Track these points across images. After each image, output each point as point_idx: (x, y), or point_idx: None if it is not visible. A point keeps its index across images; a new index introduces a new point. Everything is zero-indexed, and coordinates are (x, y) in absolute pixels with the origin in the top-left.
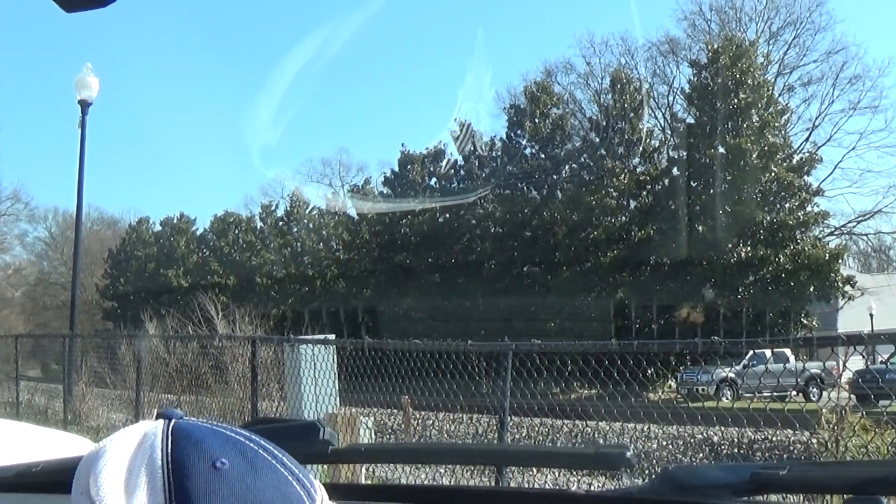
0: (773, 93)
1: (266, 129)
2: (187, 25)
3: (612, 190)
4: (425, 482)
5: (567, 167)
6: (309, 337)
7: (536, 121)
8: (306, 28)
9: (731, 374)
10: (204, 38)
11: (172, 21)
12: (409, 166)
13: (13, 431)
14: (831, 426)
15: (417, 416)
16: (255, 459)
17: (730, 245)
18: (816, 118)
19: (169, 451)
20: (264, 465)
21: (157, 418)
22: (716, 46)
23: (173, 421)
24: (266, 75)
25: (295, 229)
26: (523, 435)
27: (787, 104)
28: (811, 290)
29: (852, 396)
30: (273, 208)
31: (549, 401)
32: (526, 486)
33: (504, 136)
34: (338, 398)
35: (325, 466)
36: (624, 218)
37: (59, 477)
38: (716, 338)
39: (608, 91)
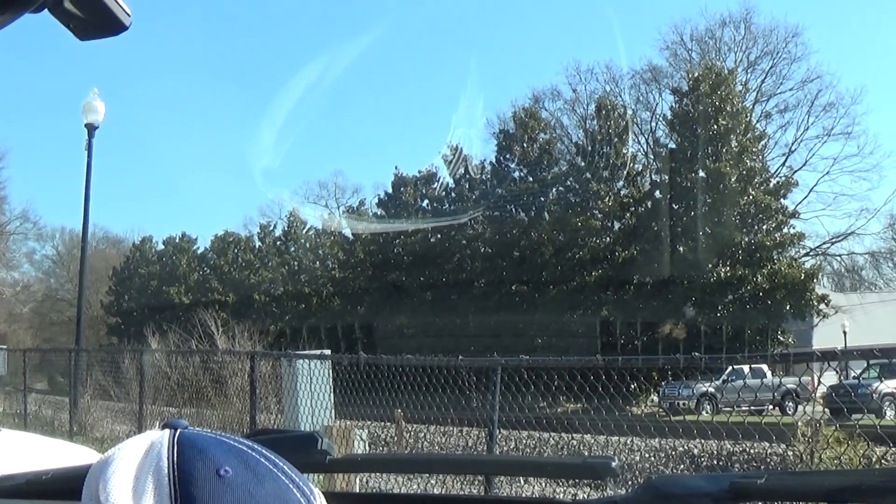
0: (751, 119)
1: (267, 152)
2: (192, 52)
3: (597, 212)
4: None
5: (554, 190)
6: (305, 352)
7: (525, 145)
8: (307, 54)
9: (711, 389)
10: (208, 65)
11: (178, 48)
12: (402, 188)
13: (23, 442)
14: (806, 439)
15: (409, 429)
16: (257, 468)
17: (710, 265)
18: (792, 144)
19: (175, 459)
20: (266, 473)
21: (163, 428)
22: (696, 75)
23: (179, 431)
24: (266, 101)
25: (292, 249)
26: (512, 447)
27: (764, 130)
28: (787, 308)
29: (826, 410)
30: (271, 228)
31: (537, 414)
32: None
33: (493, 160)
34: (333, 411)
35: (321, 476)
36: (608, 239)
37: (68, 484)
38: (696, 354)
39: (593, 117)
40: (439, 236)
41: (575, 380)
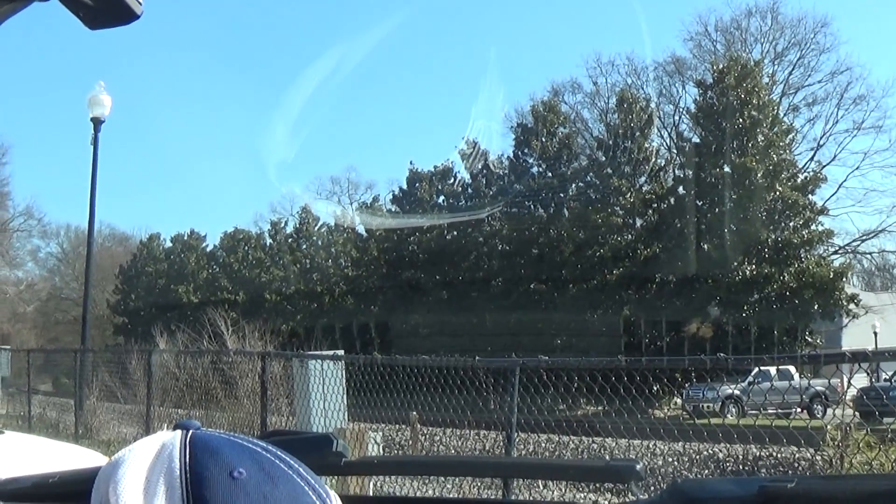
0: (778, 112)
1: (279, 146)
2: (202, 44)
3: (618, 208)
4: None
5: (574, 186)
6: (318, 353)
7: (544, 140)
8: (321, 48)
9: (737, 391)
10: (218, 57)
11: (188, 39)
12: (417, 184)
13: (27, 444)
14: (836, 443)
15: (425, 431)
16: (271, 469)
17: (735, 263)
18: (821, 138)
19: (187, 460)
20: (281, 475)
21: (174, 429)
22: (721, 67)
23: (191, 431)
24: (279, 94)
25: (304, 246)
26: (530, 451)
27: (791, 124)
28: (816, 308)
29: (856, 413)
30: (283, 225)
31: (556, 416)
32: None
33: (511, 155)
34: (346, 413)
35: (334, 479)
36: (630, 236)
37: (76, 487)
38: (722, 354)
39: (615, 110)
40: (455, 233)
41: (596, 381)
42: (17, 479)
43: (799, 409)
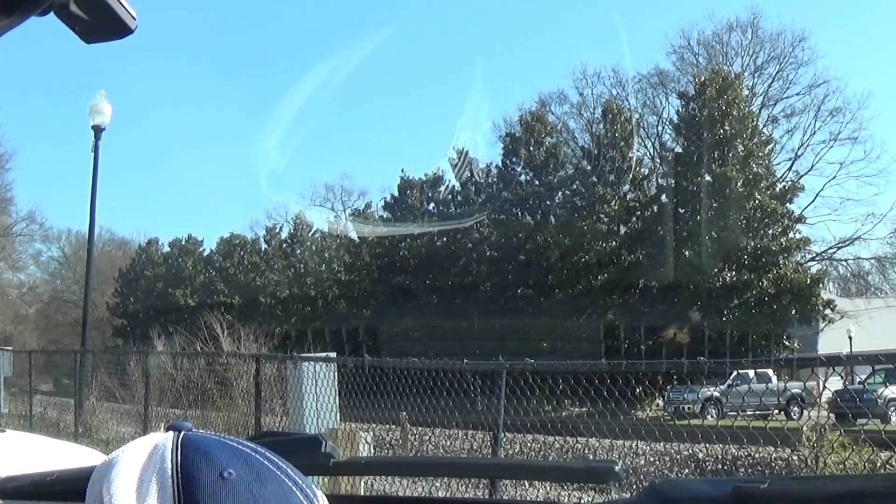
0: (757, 124)
1: (273, 155)
2: (199, 55)
3: (603, 216)
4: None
5: (560, 194)
6: (311, 355)
7: (531, 149)
8: (313, 59)
9: (716, 393)
10: (214, 68)
11: (184, 50)
12: (408, 192)
13: (28, 443)
14: (811, 443)
15: (414, 431)
16: (260, 470)
17: (715, 269)
18: (799, 148)
19: (179, 461)
20: (269, 475)
21: (167, 430)
22: (703, 79)
23: (183, 433)
24: (274, 104)
25: (298, 251)
26: (516, 451)
27: (770, 135)
28: (793, 313)
29: (831, 415)
30: (277, 231)
31: (542, 418)
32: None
33: (500, 164)
34: (338, 414)
35: (326, 479)
36: (614, 243)
37: (73, 486)
38: (701, 358)
39: (600, 121)
40: (445, 240)
41: (580, 383)
42: (17, 477)
43: (776, 411)
